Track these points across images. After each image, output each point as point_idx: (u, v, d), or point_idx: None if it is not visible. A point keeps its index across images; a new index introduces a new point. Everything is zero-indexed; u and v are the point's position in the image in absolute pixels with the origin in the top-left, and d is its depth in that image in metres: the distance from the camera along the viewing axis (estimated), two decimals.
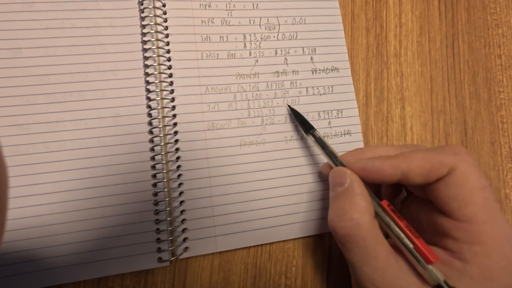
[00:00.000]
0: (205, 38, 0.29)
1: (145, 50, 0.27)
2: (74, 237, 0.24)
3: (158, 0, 0.28)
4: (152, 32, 0.27)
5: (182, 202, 0.26)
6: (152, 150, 0.26)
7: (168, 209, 0.25)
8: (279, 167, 0.28)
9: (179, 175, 0.26)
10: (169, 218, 0.25)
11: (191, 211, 0.26)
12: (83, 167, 0.25)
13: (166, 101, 0.27)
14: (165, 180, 0.26)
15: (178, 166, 0.26)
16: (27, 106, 0.25)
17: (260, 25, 0.30)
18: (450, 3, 0.34)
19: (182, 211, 0.26)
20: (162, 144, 0.26)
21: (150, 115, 0.27)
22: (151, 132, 0.26)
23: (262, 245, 0.27)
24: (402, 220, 0.21)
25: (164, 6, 0.28)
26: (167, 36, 0.28)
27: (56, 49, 0.26)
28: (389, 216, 0.21)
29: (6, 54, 0.25)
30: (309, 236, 0.27)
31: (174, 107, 0.27)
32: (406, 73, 0.32)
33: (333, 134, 0.29)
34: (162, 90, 0.27)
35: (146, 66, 0.27)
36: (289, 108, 0.28)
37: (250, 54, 0.29)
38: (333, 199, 0.22)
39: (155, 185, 0.26)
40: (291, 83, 0.29)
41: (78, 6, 0.27)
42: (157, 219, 0.25)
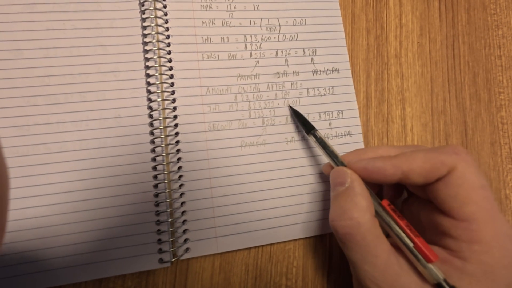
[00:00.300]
0: (206, 39, 0.29)
1: (146, 51, 0.27)
2: (75, 238, 0.24)
3: (159, 1, 0.28)
4: (153, 33, 0.27)
5: (183, 203, 0.26)
6: (153, 151, 0.26)
7: (169, 210, 0.25)
8: (280, 168, 0.28)
9: (180, 176, 0.26)
10: (170, 219, 0.25)
11: (192, 212, 0.26)
12: (84, 168, 0.25)
13: (167, 102, 0.27)
14: (166, 181, 0.26)
15: (179, 167, 0.26)
16: (28, 107, 0.25)
17: (260, 26, 0.30)
18: (450, 4, 0.34)
19: (183, 212, 0.26)
20: (163, 145, 0.26)
21: (151, 116, 0.27)
22: (152, 133, 0.26)
23: (263, 246, 0.27)
24: (402, 219, 0.21)
25: (165, 7, 0.28)
26: (168, 37, 0.28)
27: (57, 50, 0.26)
28: (389, 215, 0.21)
29: (7, 55, 0.25)
30: (310, 236, 0.27)
31: (175, 108, 0.27)
32: (406, 74, 0.32)
33: (333, 135, 0.29)
34: (163, 91, 0.27)
35: (147, 67, 0.27)
36: (290, 108, 0.28)
37: (251, 55, 0.29)
38: (334, 199, 0.22)
39: (156, 186, 0.26)
40: (292, 84, 0.29)
41: (79, 8, 0.27)
42: (158, 220, 0.25)
